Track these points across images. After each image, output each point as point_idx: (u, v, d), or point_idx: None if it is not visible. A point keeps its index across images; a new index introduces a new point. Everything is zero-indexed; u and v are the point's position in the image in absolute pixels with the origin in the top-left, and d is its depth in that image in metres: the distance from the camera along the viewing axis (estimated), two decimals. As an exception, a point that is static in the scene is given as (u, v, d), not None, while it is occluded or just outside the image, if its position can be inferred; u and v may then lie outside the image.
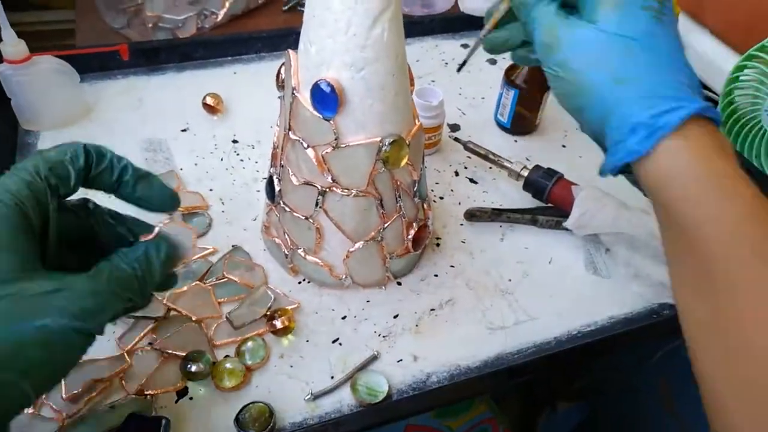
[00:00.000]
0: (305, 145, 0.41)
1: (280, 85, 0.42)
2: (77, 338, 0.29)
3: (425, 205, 0.49)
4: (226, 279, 0.49)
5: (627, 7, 0.34)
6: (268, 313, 0.46)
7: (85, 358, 0.42)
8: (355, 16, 0.35)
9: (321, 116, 0.39)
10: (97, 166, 0.34)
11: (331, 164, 0.41)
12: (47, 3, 1.13)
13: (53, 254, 0.33)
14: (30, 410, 0.40)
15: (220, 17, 0.81)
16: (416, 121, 0.44)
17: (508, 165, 0.58)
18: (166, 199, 0.36)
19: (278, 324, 0.44)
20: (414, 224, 0.48)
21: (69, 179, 0.32)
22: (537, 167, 0.57)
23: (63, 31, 1.12)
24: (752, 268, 0.29)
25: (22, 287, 0.28)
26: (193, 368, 0.42)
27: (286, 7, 0.87)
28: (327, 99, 0.37)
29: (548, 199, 0.56)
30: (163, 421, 0.39)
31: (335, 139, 0.39)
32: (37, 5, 1.13)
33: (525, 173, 0.57)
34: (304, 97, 0.39)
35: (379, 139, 0.40)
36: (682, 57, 0.34)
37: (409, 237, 0.48)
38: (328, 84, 0.37)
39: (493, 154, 0.59)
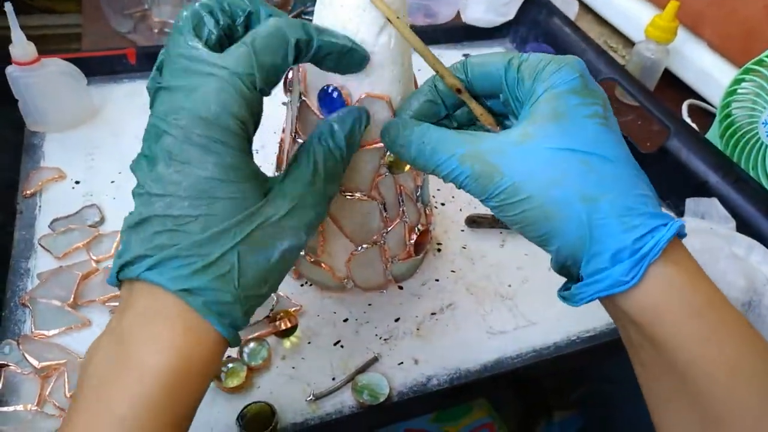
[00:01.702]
0: None
1: (288, 90, 0.43)
2: (298, 251, 0.32)
3: (427, 210, 0.50)
4: (229, 280, 0.49)
5: (570, 118, 0.30)
6: (271, 314, 0.46)
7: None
8: (363, 23, 0.36)
9: None
10: (305, 55, 0.33)
11: None
12: (53, 7, 1.14)
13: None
14: (33, 407, 0.40)
15: (225, 24, 0.82)
16: None
17: None
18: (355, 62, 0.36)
19: (281, 325, 0.45)
20: (416, 229, 0.48)
21: (277, 80, 0.32)
22: None
23: (68, 35, 1.13)
24: (755, 406, 0.27)
25: (266, 213, 0.30)
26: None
27: (290, 15, 0.88)
28: (334, 104, 0.38)
29: None
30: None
31: None
32: (43, 9, 1.15)
33: None
34: (312, 102, 0.40)
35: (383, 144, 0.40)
36: (635, 163, 0.31)
37: (411, 241, 0.48)
38: (335, 89, 0.38)
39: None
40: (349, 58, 0.35)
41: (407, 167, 0.42)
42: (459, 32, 0.84)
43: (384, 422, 0.42)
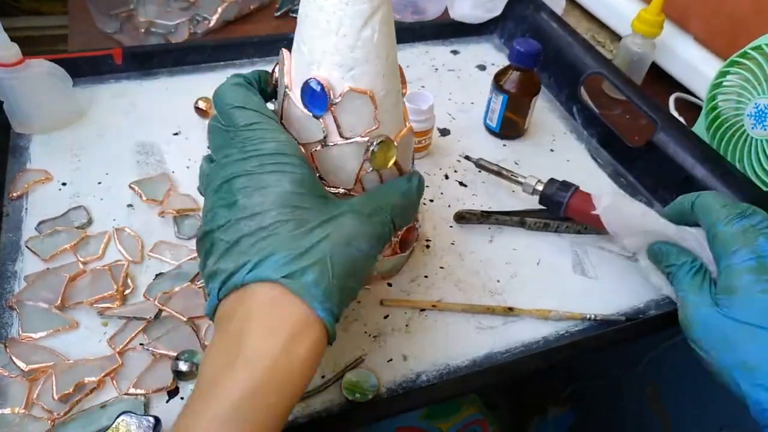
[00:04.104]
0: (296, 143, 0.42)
1: (273, 84, 0.43)
2: (373, 260, 0.36)
3: None
4: (217, 280, 0.49)
5: (746, 293, 0.37)
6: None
7: (75, 358, 0.43)
8: (346, 17, 0.36)
9: (311, 114, 0.39)
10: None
11: (319, 162, 0.42)
12: (39, 8, 1.14)
13: None
14: (21, 410, 0.40)
15: (212, 23, 0.81)
16: (406, 123, 0.44)
17: (522, 180, 0.57)
18: None
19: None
20: None
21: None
22: (552, 180, 0.55)
23: (54, 36, 1.13)
24: None
25: (345, 220, 0.34)
26: (183, 367, 0.42)
27: (277, 13, 0.88)
28: (317, 97, 0.38)
29: (566, 212, 0.54)
30: (154, 420, 0.39)
31: (324, 138, 0.40)
32: (29, 11, 1.14)
33: (540, 187, 0.56)
34: (296, 95, 0.40)
35: (367, 139, 0.40)
36: None
37: (396, 238, 0.48)
38: (318, 83, 0.38)
39: (506, 170, 0.59)
40: None
41: (390, 163, 0.42)
42: (447, 29, 0.84)
43: (373, 419, 0.42)
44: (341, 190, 0.43)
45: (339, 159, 0.41)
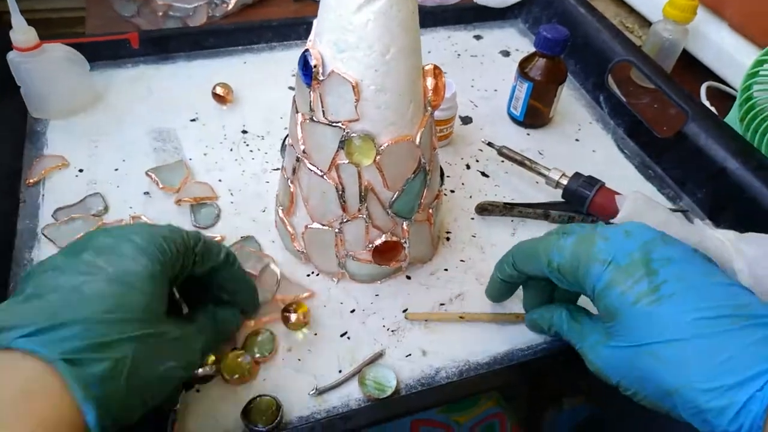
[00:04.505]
0: (297, 109, 0.42)
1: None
2: (179, 381, 0.34)
3: (405, 225, 0.46)
4: (234, 270, 0.48)
5: (625, 309, 0.33)
6: (282, 304, 0.45)
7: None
8: None
9: (304, 83, 0.40)
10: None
11: (305, 136, 0.42)
12: (57, -10, 1.13)
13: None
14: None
15: (230, 6, 0.80)
16: (417, 132, 0.42)
17: (545, 172, 0.55)
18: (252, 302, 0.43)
19: (293, 318, 0.44)
20: (383, 236, 0.46)
21: (205, 264, 0.37)
22: (577, 175, 0.54)
23: (73, 19, 1.12)
24: None
25: (164, 330, 0.32)
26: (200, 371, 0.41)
27: (297, -4, 0.86)
28: (307, 68, 0.39)
29: (589, 209, 0.53)
30: (170, 414, 0.38)
31: (311, 110, 0.40)
32: (48, -8, 1.13)
33: (564, 181, 0.54)
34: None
35: (344, 127, 0.40)
36: (710, 320, 0.31)
37: (370, 245, 0.46)
38: (311, 55, 0.38)
39: (530, 160, 0.57)
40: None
41: (367, 162, 0.41)
42: (470, 13, 0.82)
43: (392, 416, 0.41)
44: (316, 170, 0.43)
45: (320, 138, 0.41)
